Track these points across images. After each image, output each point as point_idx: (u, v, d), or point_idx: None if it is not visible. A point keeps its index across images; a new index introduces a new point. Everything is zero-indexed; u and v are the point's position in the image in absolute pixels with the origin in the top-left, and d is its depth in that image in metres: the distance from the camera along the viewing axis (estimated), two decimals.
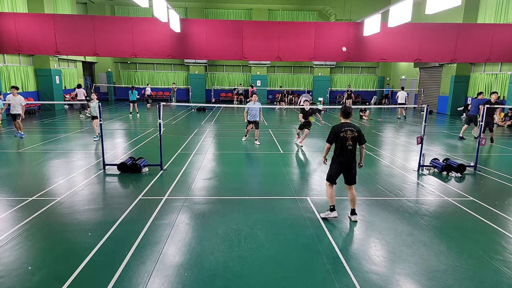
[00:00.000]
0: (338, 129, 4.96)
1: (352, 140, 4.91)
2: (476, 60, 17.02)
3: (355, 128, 4.93)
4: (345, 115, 5.04)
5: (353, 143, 4.93)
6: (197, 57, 16.64)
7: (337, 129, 4.96)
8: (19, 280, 3.52)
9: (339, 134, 4.92)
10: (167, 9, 13.61)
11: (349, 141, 4.89)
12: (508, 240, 4.56)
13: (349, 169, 5.02)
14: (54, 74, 19.76)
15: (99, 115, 7.82)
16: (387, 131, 14.29)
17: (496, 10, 17.61)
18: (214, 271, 3.75)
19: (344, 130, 4.91)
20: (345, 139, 4.89)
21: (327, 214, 5.12)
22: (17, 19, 14.82)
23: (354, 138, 4.91)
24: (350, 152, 4.93)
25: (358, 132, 4.93)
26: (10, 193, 6.08)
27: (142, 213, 5.27)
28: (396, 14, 12.15)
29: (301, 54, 16.14)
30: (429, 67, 23.01)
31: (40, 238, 4.44)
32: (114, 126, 14.27)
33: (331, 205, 5.08)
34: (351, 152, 4.94)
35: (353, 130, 4.90)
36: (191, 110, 21.13)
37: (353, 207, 5.10)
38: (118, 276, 3.60)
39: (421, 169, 7.90)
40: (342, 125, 4.97)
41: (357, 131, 4.92)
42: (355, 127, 4.95)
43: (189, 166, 8.06)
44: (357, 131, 4.92)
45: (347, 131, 4.89)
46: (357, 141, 4.96)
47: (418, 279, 3.66)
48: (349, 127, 4.92)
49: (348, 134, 4.89)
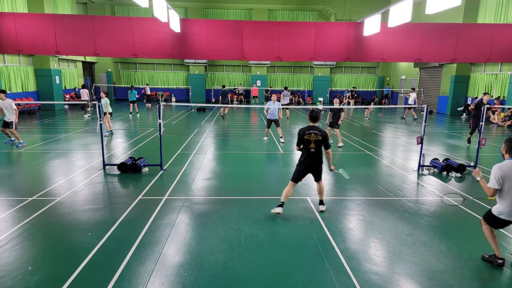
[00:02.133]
0: (303, 131, 5.08)
1: (316, 144, 5.00)
2: (476, 60, 17.01)
3: (320, 132, 5.01)
4: (312, 119, 5.14)
5: (317, 146, 5.02)
6: (197, 57, 16.64)
7: (303, 131, 5.08)
8: (19, 280, 3.52)
9: (303, 137, 5.04)
10: (167, 9, 13.60)
11: (312, 144, 4.99)
12: (508, 240, 4.56)
13: (312, 170, 5.18)
14: (54, 74, 19.75)
15: (99, 115, 7.81)
16: (387, 131, 14.29)
17: (496, 10, 17.61)
18: (214, 271, 3.75)
19: (308, 133, 5.01)
20: (308, 142, 5.01)
21: (274, 209, 5.20)
22: (17, 19, 14.82)
23: (318, 141, 5.00)
24: (313, 155, 5.05)
25: (323, 136, 5.00)
26: (10, 193, 6.08)
27: (142, 213, 5.27)
28: (396, 14, 12.15)
29: (301, 54, 16.14)
30: (429, 67, 23.01)
31: (40, 238, 4.44)
32: (114, 126, 14.26)
33: (281, 201, 5.21)
34: (314, 155, 5.05)
35: (317, 133, 4.99)
36: (191, 110, 21.14)
37: (321, 198, 5.42)
38: (118, 276, 3.60)
39: (421, 169, 7.90)
40: (307, 128, 5.07)
41: (322, 135, 4.99)
42: (320, 131, 5.02)
43: (189, 166, 8.06)
44: (321, 135, 4.99)
45: (311, 134, 4.99)
46: (321, 145, 5.04)
47: (418, 279, 3.66)
48: (313, 130, 5.01)
49: (311, 137, 4.98)
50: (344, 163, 8.78)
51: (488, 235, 3.93)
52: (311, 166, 5.14)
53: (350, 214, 5.45)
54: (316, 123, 5.16)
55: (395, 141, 11.93)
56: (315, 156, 5.07)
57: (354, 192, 6.42)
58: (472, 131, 11.25)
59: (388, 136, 12.95)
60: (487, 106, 8.13)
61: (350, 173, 7.84)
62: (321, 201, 5.45)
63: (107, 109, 11.98)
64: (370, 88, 29.87)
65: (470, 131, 11.40)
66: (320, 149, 5.09)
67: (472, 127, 11.23)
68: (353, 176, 7.50)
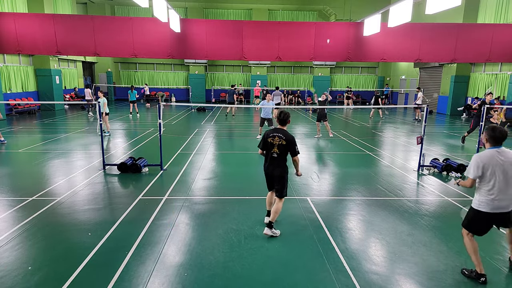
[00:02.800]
0: (267, 134, 4.59)
1: (279, 148, 4.46)
2: (476, 60, 17.01)
3: (285, 136, 4.45)
4: (280, 122, 4.58)
5: (280, 152, 4.47)
6: (197, 57, 16.64)
7: (267, 134, 4.60)
8: (19, 280, 3.52)
9: (267, 139, 4.54)
10: (167, 9, 13.60)
11: (275, 148, 4.47)
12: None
13: (273, 178, 4.63)
14: (54, 74, 19.76)
15: (99, 114, 7.82)
16: (387, 131, 14.29)
17: (496, 10, 17.62)
18: (214, 271, 3.75)
19: (272, 135, 4.50)
20: (271, 146, 4.50)
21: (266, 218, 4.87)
22: (17, 19, 14.81)
23: (281, 146, 4.45)
24: (274, 160, 4.52)
25: (288, 142, 4.43)
26: (10, 193, 6.08)
27: (142, 213, 5.27)
28: (396, 14, 12.16)
29: (301, 54, 16.13)
30: (429, 67, 23.01)
31: (40, 238, 4.44)
32: (114, 126, 14.27)
33: (267, 210, 4.90)
34: (275, 161, 4.51)
35: (281, 137, 4.45)
36: (191, 110, 21.14)
37: (272, 219, 4.57)
38: (118, 276, 3.61)
39: (421, 169, 7.90)
40: (273, 130, 4.58)
41: (287, 140, 4.43)
42: (286, 135, 4.46)
43: (189, 166, 8.06)
44: (286, 139, 4.43)
45: (275, 137, 4.47)
46: (286, 150, 4.49)
47: (418, 279, 3.66)
48: (278, 134, 4.48)
49: (275, 141, 4.47)
50: (344, 163, 8.78)
51: (470, 247, 3.65)
52: (273, 174, 4.59)
53: (350, 214, 5.45)
54: (285, 126, 4.60)
55: (395, 141, 11.93)
56: (278, 162, 4.51)
57: (354, 192, 6.42)
58: (471, 131, 11.25)
59: (388, 136, 12.95)
60: (487, 106, 8.13)
61: (350, 172, 7.87)
62: (270, 223, 4.55)
63: (104, 109, 11.90)
64: (370, 88, 29.87)
65: (469, 130, 11.39)
66: (284, 156, 4.52)
67: (472, 126, 11.24)
68: (353, 176, 7.51)
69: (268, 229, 4.54)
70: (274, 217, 4.57)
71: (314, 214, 5.35)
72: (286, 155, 4.54)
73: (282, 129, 4.57)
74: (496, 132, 3.48)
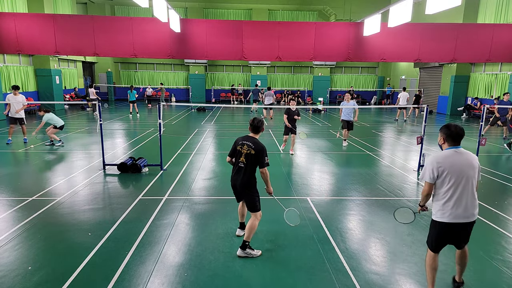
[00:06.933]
0: (237, 140, 4.20)
1: (246, 158, 4.00)
2: (476, 60, 17.01)
3: (254, 146, 3.99)
4: (253, 129, 4.16)
5: (247, 162, 4.00)
6: (197, 57, 16.63)
7: (237, 141, 4.20)
8: (19, 280, 3.52)
9: (236, 147, 4.15)
10: (167, 9, 13.60)
11: (242, 157, 4.03)
12: (508, 240, 4.56)
13: (237, 190, 4.19)
14: (54, 74, 19.76)
15: (99, 115, 7.80)
16: (387, 131, 14.28)
17: (496, 10, 17.62)
18: (214, 271, 3.75)
19: (241, 143, 4.09)
20: (239, 154, 4.08)
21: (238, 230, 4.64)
22: (17, 19, 14.82)
23: (249, 156, 3.98)
24: (240, 170, 4.06)
25: (257, 152, 3.96)
26: (10, 193, 6.08)
27: (142, 213, 5.27)
28: (396, 14, 12.16)
29: (301, 54, 16.14)
30: (429, 67, 23.02)
31: (40, 238, 4.44)
32: (114, 126, 14.27)
33: (240, 222, 4.64)
34: (242, 172, 4.03)
35: (250, 146, 4.00)
36: (191, 110, 21.14)
37: (245, 238, 4.05)
38: (118, 276, 3.60)
39: (421, 169, 7.90)
40: (243, 138, 4.15)
41: (256, 150, 3.97)
42: (256, 144, 4.01)
43: (189, 166, 8.06)
44: (255, 149, 3.97)
45: (244, 145, 4.04)
46: (254, 161, 4.00)
47: (418, 279, 3.66)
48: (248, 142, 4.04)
49: (243, 149, 4.03)
50: (344, 163, 8.78)
51: (428, 265, 3.29)
52: (235, 185, 4.14)
53: (350, 214, 5.45)
54: (258, 135, 4.17)
55: (395, 141, 11.93)
56: (244, 173, 4.01)
57: (354, 192, 6.42)
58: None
59: (388, 136, 12.95)
60: (487, 106, 8.11)
61: (350, 172, 7.87)
62: (244, 243, 4.04)
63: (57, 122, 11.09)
64: (370, 88, 29.87)
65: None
66: (253, 167, 4.04)
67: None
68: (353, 176, 7.50)
69: (241, 251, 4.02)
70: (249, 235, 4.04)
71: (314, 214, 5.35)
72: (255, 166, 4.06)
73: (253, 137, 4.13)
74: (452, 129, 3.10)
